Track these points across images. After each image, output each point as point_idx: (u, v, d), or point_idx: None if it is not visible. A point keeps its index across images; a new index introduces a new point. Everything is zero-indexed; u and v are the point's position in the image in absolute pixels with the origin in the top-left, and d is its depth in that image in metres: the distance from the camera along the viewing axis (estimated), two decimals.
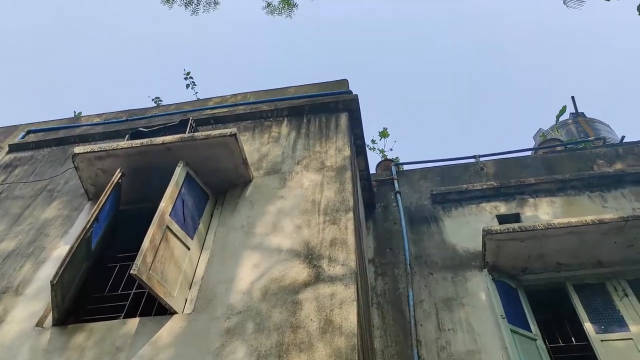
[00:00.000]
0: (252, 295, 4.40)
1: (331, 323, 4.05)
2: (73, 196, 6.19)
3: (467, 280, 6.41)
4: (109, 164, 5.63)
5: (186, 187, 5.31)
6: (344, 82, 7.48)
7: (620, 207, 7.07)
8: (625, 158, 8.04)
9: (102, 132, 7.38)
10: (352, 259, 4.65)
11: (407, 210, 7.80)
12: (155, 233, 4.42)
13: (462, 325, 5.87)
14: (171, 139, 5.50)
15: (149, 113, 7.74)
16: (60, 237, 5.58)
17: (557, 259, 6.14)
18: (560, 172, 7.84)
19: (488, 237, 6.04)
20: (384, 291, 6.57)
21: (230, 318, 4.22)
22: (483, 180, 8.07)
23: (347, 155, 6.03)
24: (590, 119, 10.49)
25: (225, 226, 5.30)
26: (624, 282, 6.06)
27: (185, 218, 5.04)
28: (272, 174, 5.95)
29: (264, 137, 6.63)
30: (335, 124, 6.66)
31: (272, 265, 4.70)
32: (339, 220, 5.10)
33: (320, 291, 4.35)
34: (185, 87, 10.54)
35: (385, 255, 7.13)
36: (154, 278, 4.15)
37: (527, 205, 7.40)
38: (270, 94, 7.56)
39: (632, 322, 5.63)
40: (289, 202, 5.45)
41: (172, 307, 4.25)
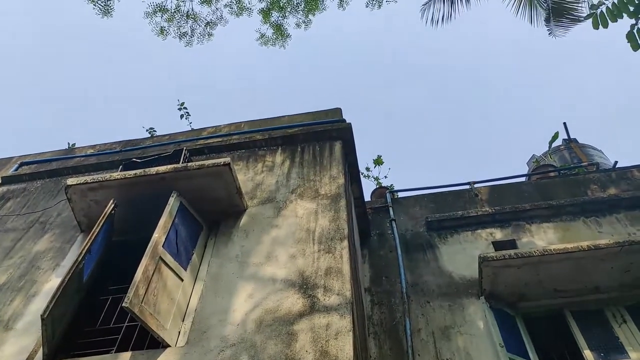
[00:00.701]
0: (247, 326, 4.33)
1: (327, 354, 3.98)
2: (65, 228, 6.13)
3: (465, 308, 6.35)
4: (102, 195, 5.60)
5: (180, 218, 5.27)
6: (337, 111, 7.53)
7: (616, 232, 7.06)
8: (618, 183, 8.07)
9: (95, 163, 7.36)
10: (347, 288, 4.60)
11: (403, 238, 7.77)
12: (148, 264, 4.37)
13: (460, 355, 5.78)
14: (165, 169, 5.49)
15: (142, 144, 7.74)
16: (52, 270, 5.50)
17: (554, 285, 6.09)
18: (554, 198, 7.85)
19: (484, 264, 6.00)
20: (381, 320, 6.49)
21: (224, 350, 4.14)
22: (478, 207, 8.07)
23: (341, 184, 6.02)
24: (582, 144, 10.56)
25: (219, 256, 5.25)
26: (622, 308, 6.01)
27: (179, 249, 4.99)
28: (266, 203, 5.92)
29: (258, 166, 6.63)
30: (329, 152, 6.67)
31: (267, 295, 4.64)
32: (334, 248, 5.06)
33: (315, 322, 4.29)
34: (180, 118, 10.58)
35: (381, 284, 7.07)
36: (146, 311, 4.08)
37: (523, 232, 7.39)
38: (264, 123, 7.58)
39: (631, 349, 5.56)
40: (284, 231, 5.42)
41: (164, 340, 4.17)
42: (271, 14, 10.92)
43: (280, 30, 11.13)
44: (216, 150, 7.09)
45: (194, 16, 10.76)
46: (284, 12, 10.96)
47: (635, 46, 4.99)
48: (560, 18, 7.43)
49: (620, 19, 5.23)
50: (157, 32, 10.64)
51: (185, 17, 10.68)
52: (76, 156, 7.74)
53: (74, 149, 8.17)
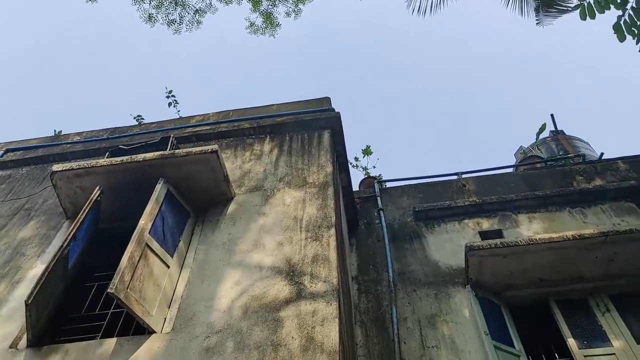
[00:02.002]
0: (233, 313, 4.33)
1: (313, 341, 4.00)
2: (51, 215, 6.08)
3: (451, 296, 6.39)
4: (88, 181, 5.55)
5: (166, 205, 5.25)
6: (326, 100, 7.51)
7: (601, 222, 7.14)
8: (604, 174, 8.15)
9: (82, 150, 7.29)
10: (334, 275, 4.61)
11: (390, 227, 7.80)
12: (133, 251, 4.35)
13: (445, 342, 5.83)
14: (152, 156, 5.45)
15: (130, 131, 7.68)
16: (37, 257, 5.46)
17: (539, 275, 6.15)
18: (540, 189, 7.91)
19: (471, 253, 6.04)
20: (368, 309, 6.52)
21: (210, 337, 4.15)
22: (465, 197, 8.11)
23: (329, 172, 6.02)
24: (569, 136, 10.63)
25: (206, 244, 5.24)
26: (606, 297, 6.08)
27: (165, 236, 4.97)
28: (254, 191, 5.91)
29: (246, 155, 6.61)
30: (318, 141, 6.67)
31: (253, 282, 4.64)
32: (321, 236, 5.07)
33: (301, 308, 4.30)
34: (168, 106, 10.47)
35: (368, 273, 7.10)
36: (131, 297, 4.06)
37: (509, 222, 7.44)
38: (253, 112, 7.55)
39: (614, 337, 5.63)
40: (271, 219, 5.41)
41: (150, 326, 4.16)
42: (261, 2, 10.84)
43: (270, 18, 11.05)
44: (204, 139, 7.06)
45: (183, 3, 10.65)
46: (273, 1, 10.88)
47: (622, 37, 5.03)
48: (549, 8, 7.46)
49: (607, 10, 5.26)
50: (145, 19, 10.53)
51: (174, 4, 10.57)
52: (62, 143, 7.66)
53: (60, 136, 8.08)
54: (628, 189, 7.53)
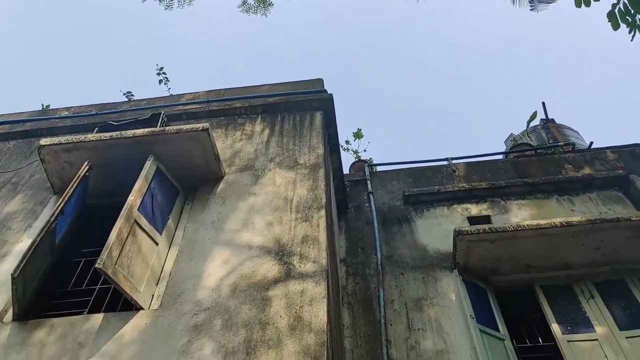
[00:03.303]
0: (221, 291, 4.33)
1: (301, 320, 4.01)
2: (38, 190, 6.02)
3: (438, 280, 6.44)
4: (77, 156, 5.49)
5: (156, 182, 5.20)
6: (319, 81, 7.46)
7: (588, 210, 7.21)
8: (592, 163, 8.20)
9: (70, 125, 7.20)
10: (323, 256, 4.61)
11: (380, 211, 7.81)
12: (122, 227, 4.32)
13: (431, 325, 5.89)
14: (141, 132, 5.39)
15: (119, 107, 7.58)
16: (23, 231, 5.41)
17: (526, 261, 6.21)
18: (530, 176, 7.96)
19: (459, 238, 6.07)
20: (355, 291, 6.55)
21: (198, 314, 4.14)
22: (455, 183, 8.14)
23: (321, 154, 6.00)
24: (559, 124, 10.67)
25: (195, 222, 5.21)
26: (591, 284, 6.15)
27: (154, 213, 4.94)
28: (244, 170, 5.88)
29: (237, 134, 6.56)
30: (310, 122, 6.63)
31: (242, 261, 4.63)
32: (311, 217, 5.07)
33: (290, 288, 4.31)
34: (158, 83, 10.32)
35: (356, 255, 7.12)
36: (119, 273, 4.04)
37: (498, 208, 7.49)
38: (245, 91, 7.48)
39: (597, 324, 5.71)
40: (261, 199, 5.39)
41: (137, 302, 4.15)
42: None
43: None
44: (195, 117, 6.99)
45: None
46: None
47: (616, 25, 5.01)
48: None
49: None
50: None
51: None
52: (51, 117, 7.56)
53: (48, 111, 7.97)
54: (616, 178, 7.60)
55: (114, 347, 3.92)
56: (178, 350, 3.85)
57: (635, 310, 5.81)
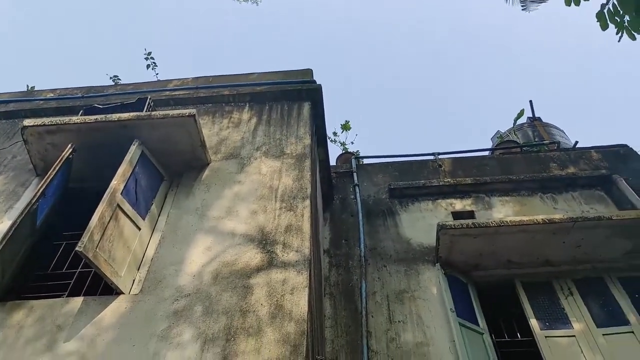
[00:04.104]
0: (203, 278, 4.32)
1: (281, 308, 4.02)
2: (20, 171, 5.94)
3: (420, 273, 6.48)
4: (60, 139, 5.42)
5: (140, 167, 5.16)
6: (308, 72, 7.43)
7: (570, 209, 7.28)
8: (577, 162, 8.28)
9: (55, 107, 7.10)
10: (306, 246, 4.62)
11: (365, 203, 7.83)
12: (104, 211, 4.28)
13: (412, 318, 5.92)
14: (127, 116, 5.34)
15: (106, 91, 7.50)
16: (3, 212, 5.34)
17: (507, 257, 6.26)
18: (515, 173, 8.02)
19: (442, 232, 6.11)
20: (338, 282, 6.57)
21: (179, 300, 4.13)
22: (440, 178, 8.17)
23: (308, 144, 5.99)
24: (546, 123, 10.75)
25: (179, 208, 5.19)
26: (570, 281, 6.23)
27: (138, 198, 4.91)
28: (230, 158, 5.85)
29: (224, 122, 6.52)
30: (298, 112, 6.61)
31: (225, 249, 4.62)
32: (296, 207, 5.06)
33: (272, 276, 4.31)
34: (146, 68, 10.23)
35: (340, 247, 7.14)
36: (100, 256, 4.01)
37: (482, 204, 7.54)
38: (233, 79, 7.44)
39: (575, 320, 5.79)
40: (246, 187, 5.38)
41: (118, 287, 4.12)
42: None
43: None
44: (182, 103, 6.94)
45: None
46: None
47: (605, 25, 5.04)
48: None
49: None
50: None
51: None
52: (35, 99, 7.46)
53: (32, 92, 7.86)
54: (599, 178, 7.68)
55: (92, 331, 3.90)
56: (157, 336, 3.84)
57: (613, 308, 5.89)
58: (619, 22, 5.25)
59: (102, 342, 3.81)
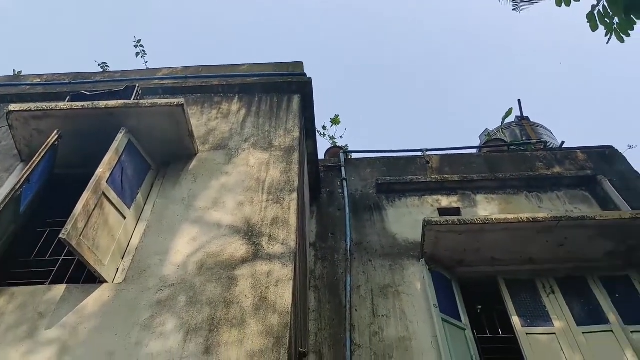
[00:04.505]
0: (187, 268, 4.31)
1: (265, 300, 4.02)
2: (5, 156, 5.87)
3: (405, 269, 6.51)
4: (46, 124, 5.37)
5: (127, 155, 5.13)
6: (299, 64, 7.42)
7: (555, 208, 7.35)
8: (563, 162, 8.36)
9: (42, 93, 7.03)
10: (292, 238, 4.62)
11: (352, 198, 7.85)
12: (89, 198, 4.25)
13: (395, 312, 5.96)
14: (114, 104, 5.30)
15: (93, 78, 7.43)
16: None
17: (491, 254, 6.31)
18: (501, 172, 8.08)
19: (428, 228, 6.14)
20: (323, 275, 6.59)
21: (163, 290, 4.12)
22: (428, 174, 8.21)
23: (296, 137, 5.99)
24: (533, 123, 10.83)
25: (165, 198, 5.16)
26: (552, 279, 6.29)
27: (124, 186, 4.87)
28: (218, 149, 5.83)
29: (213, 112, 6.50)
30: (287, 105, 6.60)
31: (211, 240, 4.61)
32: (283, 200, 5.06)
33: (257, 268, 4.31)
34: (135, 56, 10.14)
35: (326, 240, 7.15)
36: (84, 244, 3.98)
37: (468, 201, 7.59)
38: (223, 70, 7.40)
39: (556, 318, 5.86)
40: (233, 179, 5.37)
41: (101, 275, 4.10)
42: None
43: None
44: (170, 92, 6.89)
45: None
46: None
47: (594, 27, 5.08)
48: None
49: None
50: None
51: None
52: (22, 84, 7.36)
53: (19, 77, 7.76)
54: (584, 178, 7.76)
55: (74, 319, 3.88)
56: (140, 325, 3.83)
57: (594, 307, 5.97)
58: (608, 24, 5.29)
59: (84, 331, 3.79)
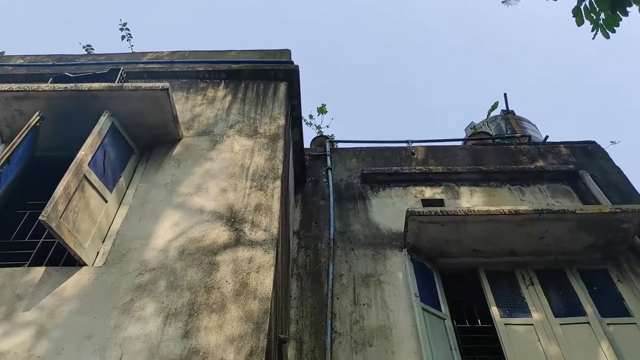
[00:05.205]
0: (168, 253, 4.30)
1: (246, 286, 4.02)
2: None
3: (387, 258, 6.55)
4: (28, 106, 5.29)
5: (110, 139, 5.08)
6: (286, 52, 7.38)
7: (537, 201, 7.43)
8: (546, 157, 8.44)
9: (25, 74, 6.91)
10: (274, 226, 4.62)
11: (337, 187, 7.86)
12: (70, 181, 4.21)
13: (377, 301, 6.00)
14: (98, 87, 5.24)
15: (78, 60, 7.33)
16: None
17: (473, 245, 6.38)
18: (485, 164, 8.14)
19: (411, 218, 6.18)
20: (305, 263, 6.60)
21: (143, 274, 4.10)
22: (412, 165, 8.25)
23: (282, 125, 5.97)
24: (519, 117, 10.91)
25: (148, 182, 5.13)
26: (532, 271, 6.38)
27: (106, 170, 4.83)
28: (202, 135, 5.80)
29: (198, 98, 6.45)
30: (273, 92, 6.58)
31: (193, 225, 4.59)
32: (266, 187, 5.05)
33: (239, 254, 4.31)
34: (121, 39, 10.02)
35: (310, 229, 7.16)
36: (64, 227, 3.95)
37: (452, 192, 7.64)
38: (209, 55, 7.35)
39: (534, 309, 5.94)
40: (217, 165, 5.34)
41: (81, 258, 4.07)
42: None
43: None
44: (156, 76, 6.82)
45: None
46: None
47: (580, 21, 5.11)
48: None
49: None
50: None
51: None
52: (4, 64, 7.24)
53: (2, 57, 7.63)
54: (566, 173, 7.85)
55: (53, 301, 3.85)
56: (119, 309, 3.82)
57: (571, 299, 6.06)
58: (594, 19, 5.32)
59: (63, 313, 3.77)
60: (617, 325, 5.73)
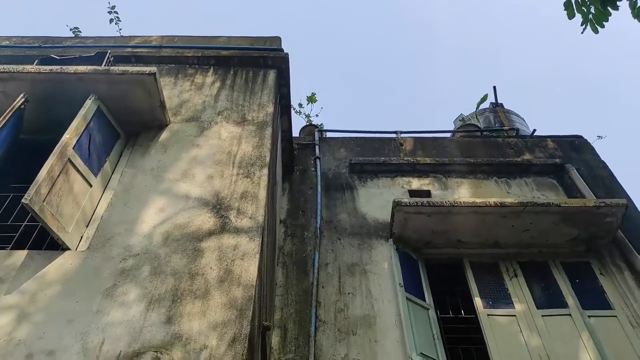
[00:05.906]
0: (153, 238, 4.27)
1: (231, 273, 4.02)
2: None
3: (373, 248, 6.58)
4: (13, 87, 5.21)
5: (95, 123, 5.02)
6: (276, 39, 7.34)
7: (523, 194, 7.48)
8: (533, 150, 8.49)
9: (10, 55, 6.81)
10: (260, 213, 4.61)
11: (325, 176, 7.86)
12: (54, 164, 4.16)
13: (361, 290, 6.03)
14: (84, 69, 5.17)
15: (64, 42, 7.23)
16: None
17: (458, 237, 6.42)
18: (473, 156, 8.18)
19: (397, 209, 6.20)
20: (291, 252, 6.61)
21: (127, 259, 4.08)
22: (401, 156, 8.27)
23: (270, 112, 5.94)
24: (507, 110, 10.95)
25: (134, 168, 5.09)
26: (516, 263, 6.44)
27: (91, 154, 4.78)
28: (190, 121, 5.76)
29: (187, 84, 6.40)
30: (263, 79, 6.54)
31: (178, 211, 4.57)
32: (253, 174, 5.04)
33: (224, 241, 4.30)
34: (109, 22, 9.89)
35: (297, 218, 7.16)
36: (47, 210, 3.91)
37: (439, 184, 7.67)
38: (199, 41, 7.28)
39: (517, 301, 6.00)
40: (204, 151, 5.31)
41: (64, 242, 4.04)
42: None
43: None
44: (144, 61, 6.75)
45: None
46: None
47: (571, 14, 5.14)
48: None
49: None
50: None
51: None
52: None
53: None
54: (552, 166, 7.91)
55: (35, 285, 3.82)
56: (102, 293, 3.80)
57: (554, 291, 6.13)
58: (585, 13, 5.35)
59: (44, 297, 3.74)
60: (598, 318, 5.81)
